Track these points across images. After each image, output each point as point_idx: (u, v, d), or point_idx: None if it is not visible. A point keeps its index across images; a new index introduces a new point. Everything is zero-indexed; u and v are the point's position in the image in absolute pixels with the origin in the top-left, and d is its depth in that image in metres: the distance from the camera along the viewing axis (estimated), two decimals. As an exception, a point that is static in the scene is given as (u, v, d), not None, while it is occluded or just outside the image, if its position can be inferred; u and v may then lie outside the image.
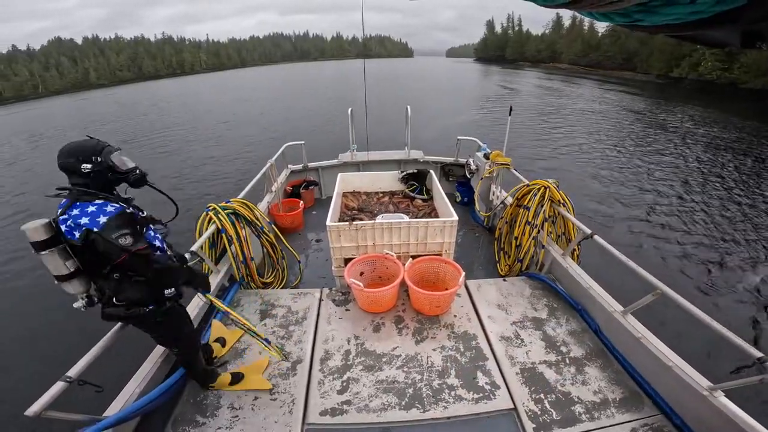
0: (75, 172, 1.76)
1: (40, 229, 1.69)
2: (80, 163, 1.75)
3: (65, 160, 1.75)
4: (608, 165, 11.41)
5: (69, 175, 1.78)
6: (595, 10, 0.44)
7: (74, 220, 1.69)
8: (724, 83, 31.19)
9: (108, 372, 2.17)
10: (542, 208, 3.61)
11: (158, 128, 19.86)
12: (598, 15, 0.47)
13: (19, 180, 12.48)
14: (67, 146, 1.78)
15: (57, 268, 1.75)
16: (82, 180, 1.77)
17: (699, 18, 0.40)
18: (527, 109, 21.66)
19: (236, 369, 2.72)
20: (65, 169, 1.77)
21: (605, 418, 2.34)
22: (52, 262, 1.74)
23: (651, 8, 0.41)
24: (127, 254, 1.73)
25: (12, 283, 6.27)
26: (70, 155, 1.75)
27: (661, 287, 2.39)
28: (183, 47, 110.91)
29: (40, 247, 1.70)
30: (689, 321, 2.19)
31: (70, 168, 1.76)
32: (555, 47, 69.67)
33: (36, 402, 1.74)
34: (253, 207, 3.78)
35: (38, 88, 73.76)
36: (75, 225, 1.69)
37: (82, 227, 1.69)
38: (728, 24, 0.40)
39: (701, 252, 6.49)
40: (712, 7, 0.38)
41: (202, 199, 8.75)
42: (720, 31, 0.43)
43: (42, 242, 1.69)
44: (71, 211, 1.71)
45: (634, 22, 0.45)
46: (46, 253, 1.71)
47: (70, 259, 1.77)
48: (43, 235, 1.69)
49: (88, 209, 1.71)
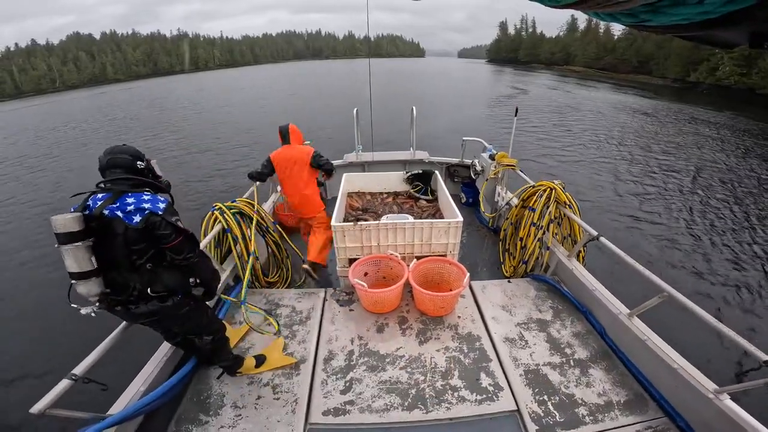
0: (129, 167, 1.91)
1: (74, 220, 1.70)
2: (135, 161, 1.94)
3: (120, 156, 1.90)
4: (616, 167, 11.30)
5: (117, 170, 1.89)
6: (601, 10, 0.44)
7: (135, 206, 1.81)
8: (742, 89, 30.45)
9: (113, 370, 2.19)
10: (548, 210, 3.59)
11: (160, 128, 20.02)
12: (605, 15, 0.47)
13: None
14: (118, 147, 1.95)
15: (81, 263, 1.73)
16: (132, 176, 1.91)
17: (707, 18, 0.40)
18: (538, 110, 21.50)
19: (253, 353, 2.80)
20: (117, 165, 1.89)
21: (609, 421, 2.32)
22: (77, 257, 1.72)
23: (658, 8, 0.41)
24: (183, 235, 1.92)
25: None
26: (124, 153, 1.92)
27: (668, 290, 2.36)
28: (198, 43, 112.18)
29: (71, 239, 1.69)
30: (695, 323, 2.17)
31: (125, 164, 1.90)
32: (569, 50, 68.99)
33: (41, 400, 1.75)
34: (259, 206, 3.80)
35: (56, 82, 75.15)
36: (137, 209, 1.81)
37: (144, 211, 1.81)
38: (736, 24, 0.40)
39: (708, 255, 6.42)
40: (721, 8, 0.38)
41: (204, 199, 8.84)
42: (728, 32, 0.43)
43: (74, 234, 1.70)
44: (124, 200, 1.82)
45: (642, 22, 0.45)
46: (77, 245, 1.71)
47: (93, 255, 1.77)
48: (76, 227, 1.71)
49: (143, 197, 1.86)
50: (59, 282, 5.40)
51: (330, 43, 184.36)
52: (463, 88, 36.41)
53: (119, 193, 1.84)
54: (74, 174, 12.29)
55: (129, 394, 2.26)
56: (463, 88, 36.47)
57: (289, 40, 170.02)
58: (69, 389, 1.86)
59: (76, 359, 2.00)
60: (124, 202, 1.81)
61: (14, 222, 8.88)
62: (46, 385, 1.81)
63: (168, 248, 1.90)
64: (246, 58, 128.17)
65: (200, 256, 2.05)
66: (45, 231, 6.06)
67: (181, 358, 2.69)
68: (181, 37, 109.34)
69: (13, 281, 6.34)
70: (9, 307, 5.63)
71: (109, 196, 1.83)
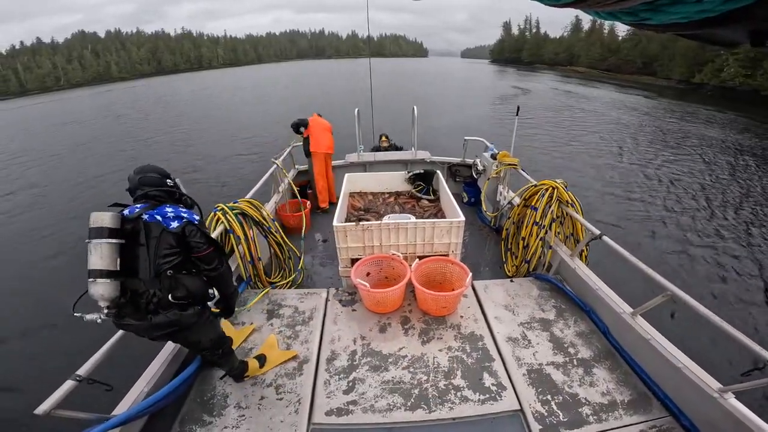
0: (158, 185, 2.05)
1: (111, 217, 1.80)
2: (165, 178, 2.10)
3: (151, 175, 2.06)
4: (619, 166, 11.28)
5: (146, 186, 2.01)
6: (601, 9, 0.44)
7: (174, 213, 1.94)
8: (747, 90, 30.22)
9: (117, 371, 2.20)
10: (550, 209, 3.58)
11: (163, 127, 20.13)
12: (605, 14, 0.47)
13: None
14: (147, 166, 2.11)
15: (106, 261, 1.75)
16: (162, 192, 2.04)
17: (707, 17, 0.39)
18: (540, 110, 21.46)
19: (253, 355, 2.81)
20: (147, 183, 2.03)
21: (613, 420, 2.31)
22: (104, 253, 1.75)
23: (658, 7, 0.41)
24: (214, 246, 2.04)
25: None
26: (154, 171, 2.08)
27: (671, 289, 2.35)
28: (201, 42, 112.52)
29: (105, 234, 1.75)
30: (699, 322, 2.16)
31: (154, 182, 2.04)
32: (573, 50, 68.76)
33: (45, 401, 1.76)
34: (261, 207, 3.81)
35: (60, 80, 75.47)
36: (176, 216, 1.93)
37: (182, 219, 1.95)
38: (737, 23, 0.39)
39: (712, 253, 6.41)
40: (720, 6, 0.37)
41: (207, 197, 8.84)
42: (728, 30, 0.42)
43: (110, 229, 1.77)
44: (163, 209, 1.95)
45: (642, 21, 0.45)
46: (109, 241, 1.76)
47: (119, 257, 1.80)
48: (113, 224, 1.79)
49: (180, 208, 2.01)
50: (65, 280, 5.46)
51: (333, 43, 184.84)
52: (465, 87, 36.41)
53: (158, 203, 1.98)
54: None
55: (133, 395, 2.26)
56: (466, 87, 36.47)
57: (292, 39, 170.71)
58: (73, 390, 1.87)
59: (81, 360, 2.02)
60: (162, 210, 1.93)
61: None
62: (51, 386, 1.83)
63: (199, 257, 1.99)
64: (249, 57, 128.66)
65: (227, 270, 2.16)
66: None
67: (185, 359, 2.70)
68: (185, 35, 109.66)
69: (17, 280, 6.40)
70: (10, 307, 5.68)
71: (148, 205, 1.95)
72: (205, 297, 2.11)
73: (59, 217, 9.04)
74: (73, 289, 1.79)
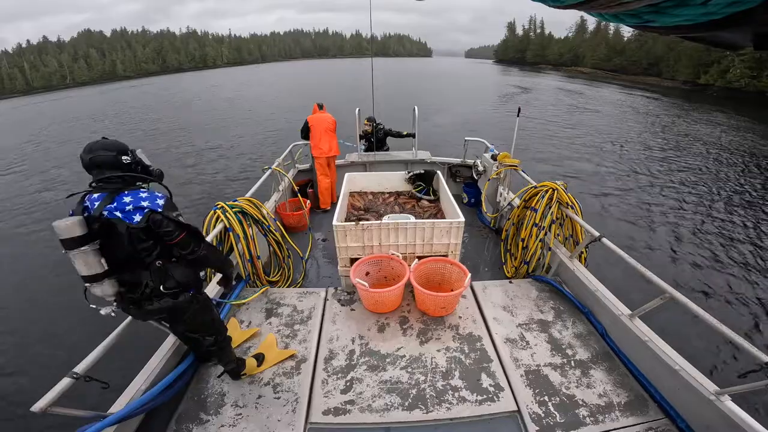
0: (114, 165, 1.79)
1: (77, 225, 1.66)
2: (119, 156, 1.81)
3: (103, 154, 1.78)
4: (619, 167, 11.26)
5: (103, 168, 1.79)
6: (605, 11, 0.44)
7: (134, 204, 1.75)
8: (752, 92, 30.05)
9: (114, 368, 2.21)
10: (550, 210, 3.58)
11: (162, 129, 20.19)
12: (609, 16, 0.47)
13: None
14: (98, 143, 1.82)
15: (91, 266, 1.71)
16: (119, 172, 1.81)
17: (711, 19, 0.40)
18: (542, 110, 21.40)
19: (251, 354, 2.82)
20: (102, 163, 1.78)
21: (610, 422, 2.32)
22: (86, 261, 1.70)
23: (662, 9, 0.41)
24: (187, 231, 1.89)
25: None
26: (106, 149, 1.79)
27: (670, 291, 2.36)
28: (206, 41, 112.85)
29: (75, 244, 1.65)
30: (696, 324, 2.16)
31: (109, 161, 1.78)
32: (578, 51, 68.43)
33: (42, 398, 1.76)
34: (260, 205, 3.81)
35: (66, 78, 75.84)
36: (136, 208, 1.75)
37: (144, 209, 1.76)
38: (741, 25, 0.40)
39: (710, 256, 6.40)
40: (725, 9, 0.38)
41: (206, 197, 8.92)
42: (732, 33, 0.43)
43: (79, 238, 1.66)
44: (122, 199, 1.76)
45: (646, 23, 0.45)
46: (84, 249, 1.67)
47: (102, 257, 1.75)
48: (79, 231, 1.66)
49: (141, 195, 1.80)
50: (62, 278, 5.48)
51: (337, 42, 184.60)
52: (468, 87, 36.33)
53: (115, 191, 1.78)
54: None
55: (130, 393, 2.26)
56: (469, 87, 36.39)
57: (296, 38, 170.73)
58: (70, 387, 1.87)
59: (78, 357, 2.02)
60: (121, 202, 1.75)
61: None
62: (48, 384, 1.82)
63: (174, 244, 1.88)
64: (254, 56, 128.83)
65: (207, 248, 2.04)
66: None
67: (182, 357, 2.70)
68: (190, 35, 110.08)
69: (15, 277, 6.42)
70: (9, 306, 5.68)
71: (105, 195, 1.77)
72: (198, 281, 2.09)
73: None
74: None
